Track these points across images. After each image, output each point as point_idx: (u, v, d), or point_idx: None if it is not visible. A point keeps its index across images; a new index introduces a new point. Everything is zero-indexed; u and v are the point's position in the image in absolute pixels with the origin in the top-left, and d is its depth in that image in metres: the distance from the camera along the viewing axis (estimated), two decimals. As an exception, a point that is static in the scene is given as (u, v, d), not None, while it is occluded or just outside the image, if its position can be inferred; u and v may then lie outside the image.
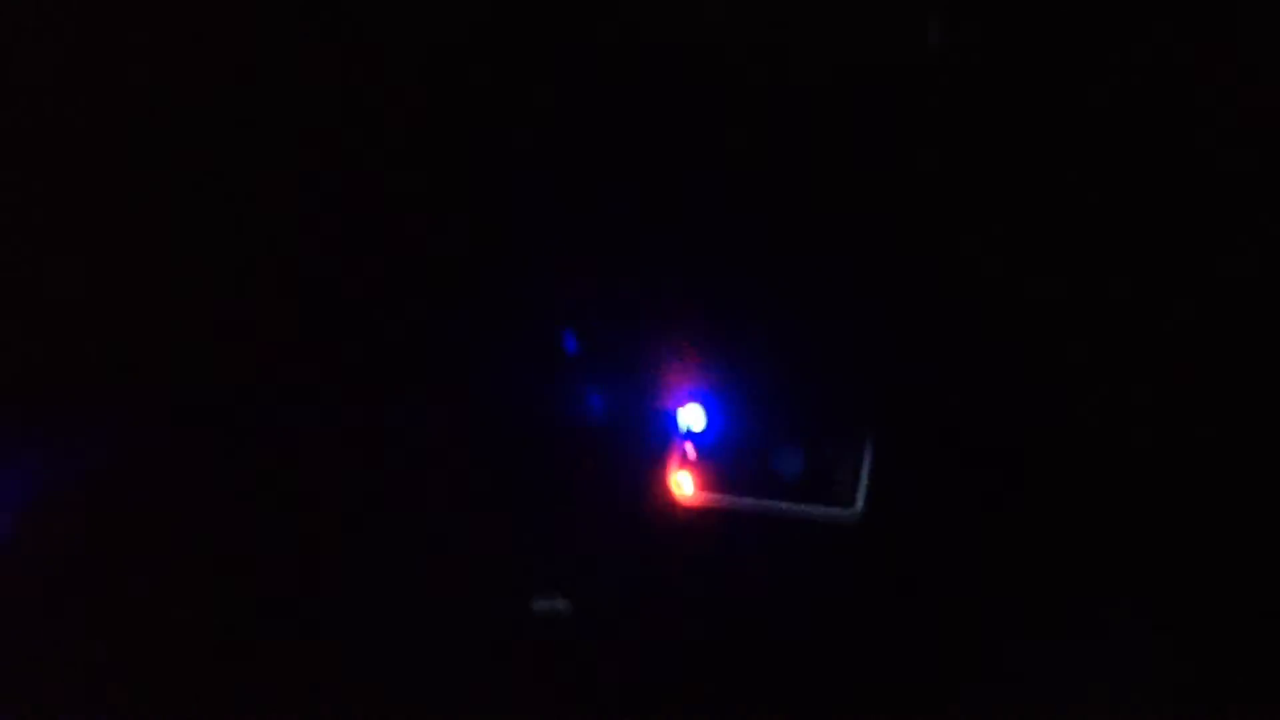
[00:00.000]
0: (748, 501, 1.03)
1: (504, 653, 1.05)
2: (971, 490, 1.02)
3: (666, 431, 1.04)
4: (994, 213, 0.98)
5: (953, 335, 1.01)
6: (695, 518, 1.03)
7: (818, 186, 1.00)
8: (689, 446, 1.04)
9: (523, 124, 1.01)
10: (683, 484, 1.04)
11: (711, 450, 1.04)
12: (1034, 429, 1.01)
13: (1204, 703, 0.97)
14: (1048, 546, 1.01)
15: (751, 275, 1.03)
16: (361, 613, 1.05)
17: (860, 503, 1.02)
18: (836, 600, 1.03)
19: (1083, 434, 1.01)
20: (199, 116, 1.01)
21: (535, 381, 1.04)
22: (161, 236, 1.03)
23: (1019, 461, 1.02)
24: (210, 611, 1.05)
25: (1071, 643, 1.02)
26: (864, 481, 1.02)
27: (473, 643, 1.05)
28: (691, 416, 1.04)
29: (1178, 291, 0.97)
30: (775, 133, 0.99)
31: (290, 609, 1.06)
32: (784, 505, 1.02)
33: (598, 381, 1.04)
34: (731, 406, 1.04)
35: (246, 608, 1.06)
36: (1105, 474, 1.01)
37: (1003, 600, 1.03)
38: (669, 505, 1.03)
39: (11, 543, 1.03)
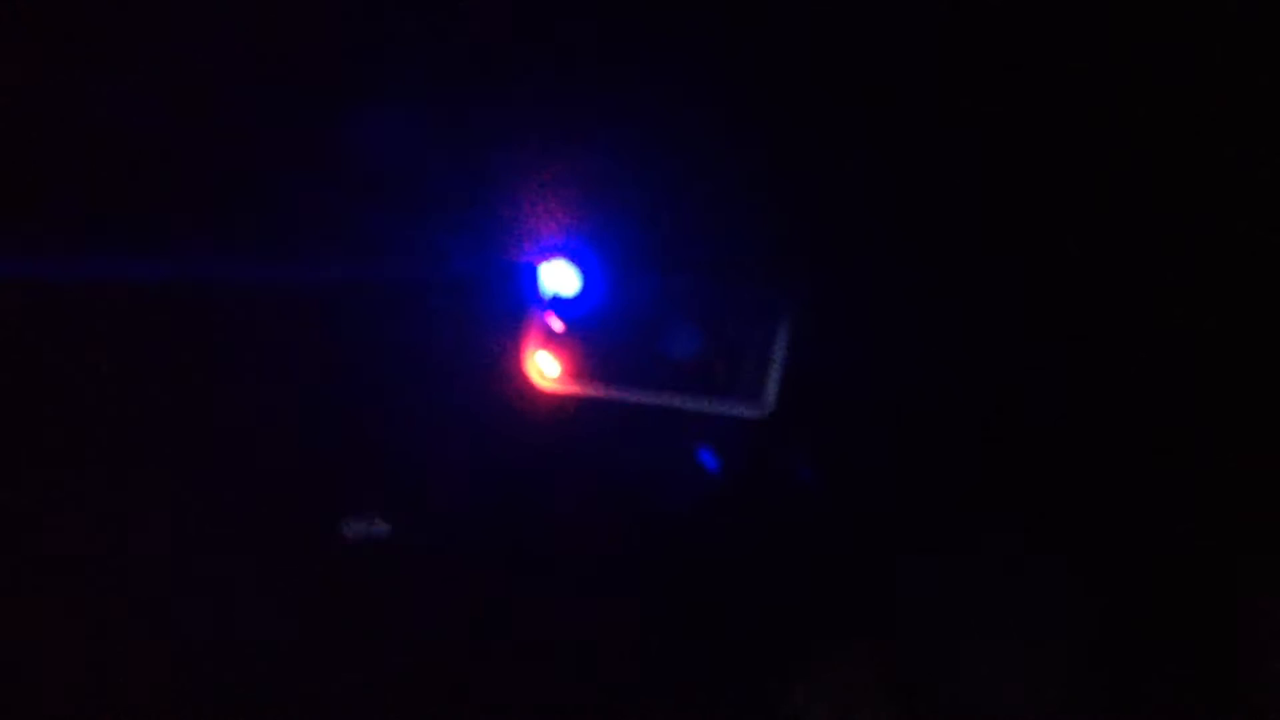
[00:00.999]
0: (628, 392, 0.79)
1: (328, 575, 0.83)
2: (901, 384, 0.82)
3: (524, 296, 0.78)
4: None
5: (896, 191, 0.78)
6: (559, 411, 0.80)
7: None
8: (553, 318, 0.79)
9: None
10: (544, 367, 0.79)
11: (584, 323, 0.79)
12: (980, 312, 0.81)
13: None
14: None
15: (643, 87, 0.76)
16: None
17: (770, 397, 0.80)
18: (735, 514, 0.83)
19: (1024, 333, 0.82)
20: None
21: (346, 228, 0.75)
22: None
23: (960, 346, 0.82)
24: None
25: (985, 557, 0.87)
26: (776, 370, 0.80)
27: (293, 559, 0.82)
28: (558, 276, 0.78)
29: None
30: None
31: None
32: (674, 398, 0.79)
33: (424, 222, 0.76)
34: (611, 264, 0.79)
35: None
36: (1041, 377, 0.83)
37: (922, 514, 0.85)
38: (526, 395, 0.79)
39: None
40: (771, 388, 0.80)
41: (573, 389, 0.78)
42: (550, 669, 0.84)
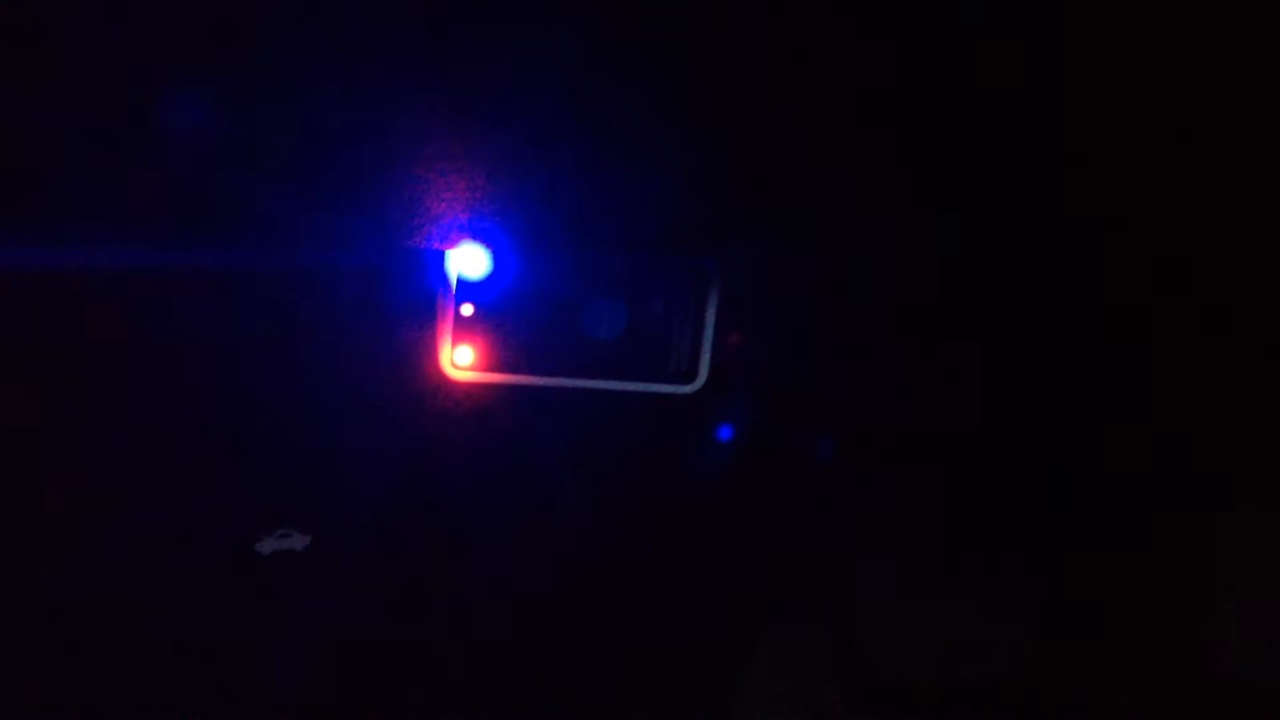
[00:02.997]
0: (549, 377, 0.74)
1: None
2: (840, 351, 0.78)
3: (431, 281, 0.73)
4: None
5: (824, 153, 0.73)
6: (476, 401, 0.75)
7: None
8: (465, 305, 0.74)
9: None
10: (457, 356, 0.74)
11: (496, 307, 0.74)
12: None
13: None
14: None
15: (548, 53, 0.70)
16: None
17: (701, 374, 0.76)
18: (665, 499, 0.79)
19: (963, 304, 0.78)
20: None
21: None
22: None
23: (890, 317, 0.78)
24: None
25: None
26: (707, 344, 0.75)
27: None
28: (466, 259, 0.73)
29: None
30: None
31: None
32: (598, 380, 0.75)
33: (323, 207, 0.70)
34: (522, 242, 0.73)
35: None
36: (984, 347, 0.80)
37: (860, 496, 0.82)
38: (439, 386, 0.74)
39: None
40: (702, 362, 0.75)
41: (488, 377, 0.74)
42: (476, 667, 0.81)
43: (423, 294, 0.72)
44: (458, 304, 0.73)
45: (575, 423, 0.76)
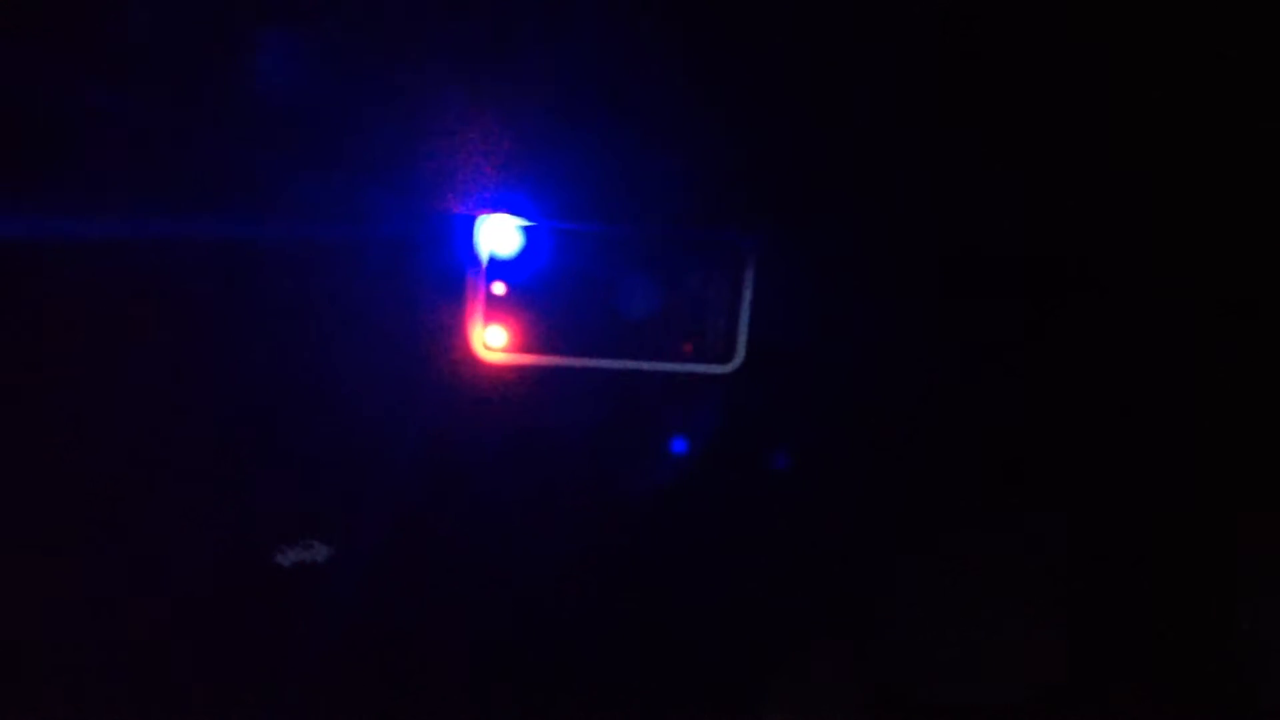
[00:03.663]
0: (582, 358, 0.72)
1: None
2: (880, 327, 0.76)
3: (461, 260, 0.70)
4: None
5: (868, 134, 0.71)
6: (509, 383, 0.72)
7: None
8: (497, 283, 0.71)
9: None
10: (490, 337, 0.71)
11: (529, 285, 0.72)
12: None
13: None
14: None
15: (580, 23, 0.68)
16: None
17: (739, 354, 0.73)
18: (701, 482, 0.77)
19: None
20: None
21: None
22: None
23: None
24: None
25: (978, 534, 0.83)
26: (743, 323, 0.73)
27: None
28: (497, 236, 0.71)
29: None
30: None
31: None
32: (633, 361, 0.72)
33: (353, 180, 0.68)
34: (555, 219, 0.71)
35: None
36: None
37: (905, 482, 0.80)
38: (470, 368, 0.71)
39: None
40: (739, 341, 0.73)
41: (521, 358, 0.71)
42: (505, 661, 0.78)
43: (452, 274, 0.70)
44: (489, 283, 0.70)
45: (610, 405, 0.74)
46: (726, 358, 0.73)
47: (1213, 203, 0.73)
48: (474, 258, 0.70)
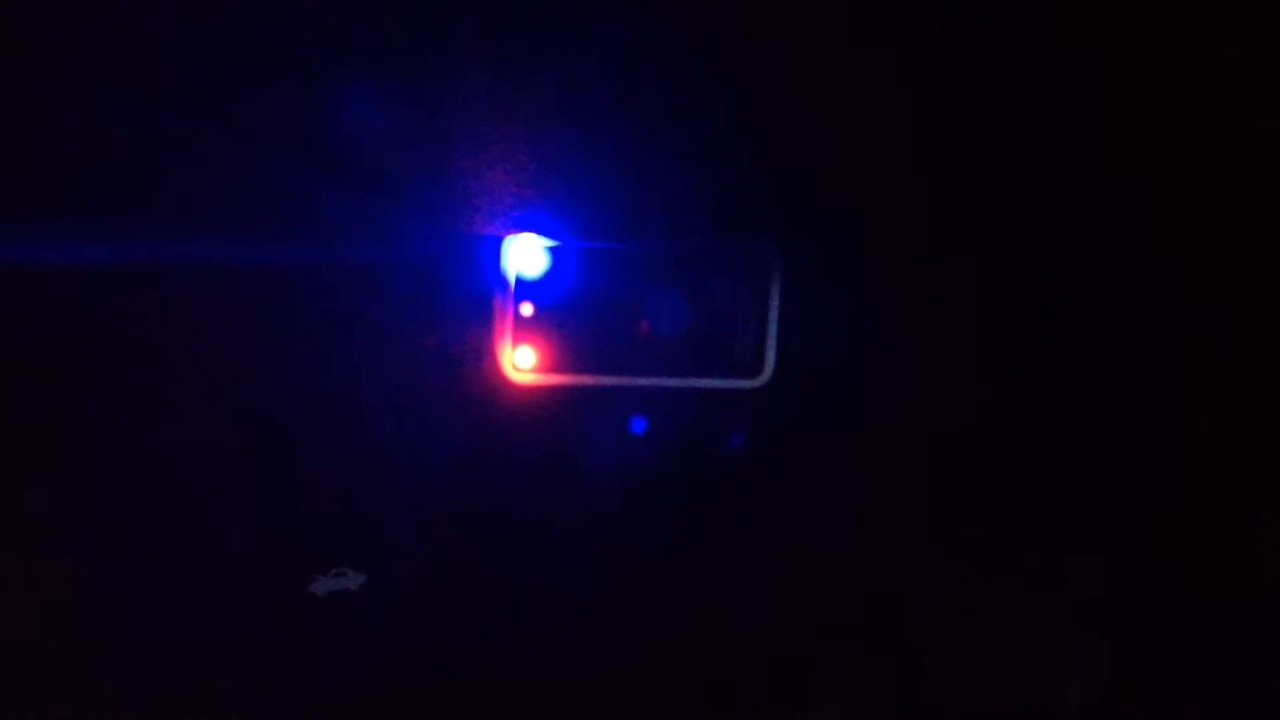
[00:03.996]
0: (612, 376, 0.72)
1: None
2: (903, 350, 0.76)
3: (489, 281, 0.71)
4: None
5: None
6: (540, 403, 0.72)
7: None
8: (525, 304, 0.71)
9: None
10: (519, 358, 0.71)
11: (557, 305, 0.72)
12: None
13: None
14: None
15: (599, 41, 0.68)
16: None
17: (768, 367, 0.73)
18: (733, 494, 0.76)
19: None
20: None
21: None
22: None
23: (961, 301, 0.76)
24: None
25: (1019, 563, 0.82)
26: (772, 336, 0.73)
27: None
28: (525, 257, 0.71)
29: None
30: None
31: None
32: (663, 377, 0.72)
33: (377, 200, 0.68)
34: (580, 237, 0.71)
35: None
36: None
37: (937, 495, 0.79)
38: (501, 389, 0.71)
39: None
40: (768, 354, 0.73)
41: (551, 379, 0.71)
42: (543, 685, 0.77)
43: (480, 295, 0.70)
44: (516, 304, 0.70)
45: (641, 421, 0.74)
46: (755, 372, 0.73)
47: (1214, 203, 0.73)
48: (501, 279, 0.70)
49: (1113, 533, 0.82)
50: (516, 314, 0.70)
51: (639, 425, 0.73)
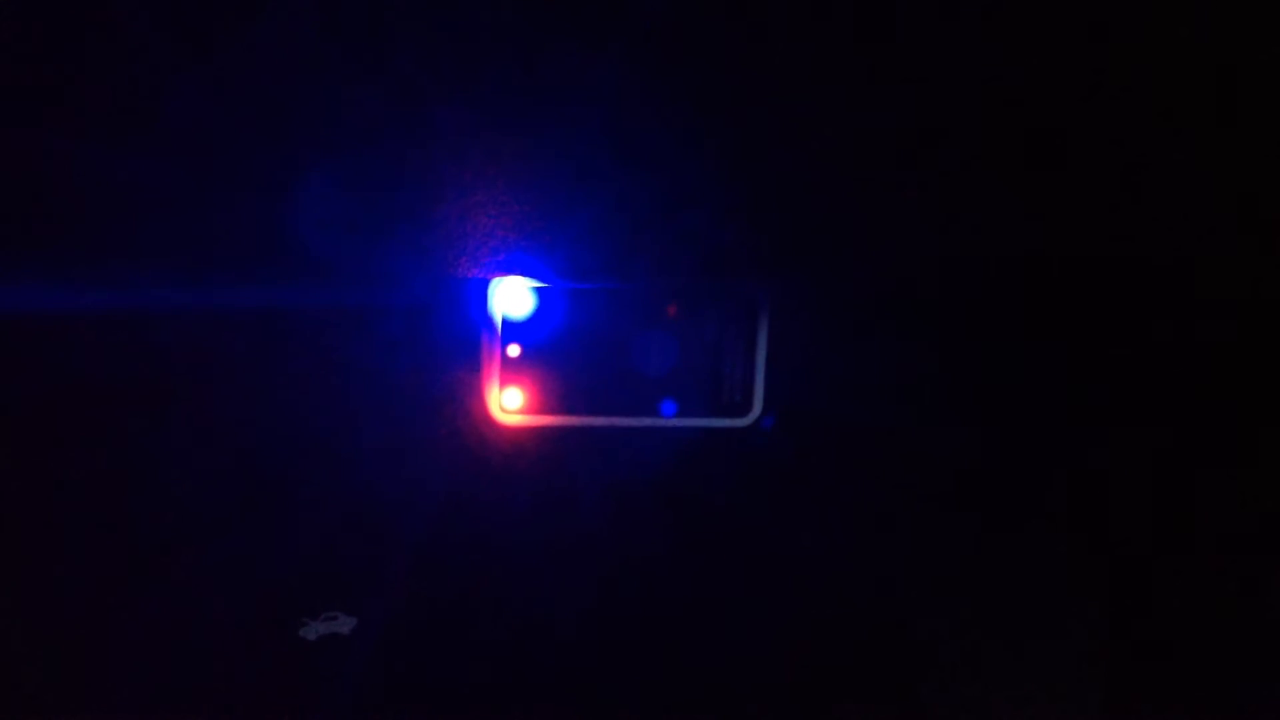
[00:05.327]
0: (601, 418, 0.72)
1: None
2: (894, 388, 0.76)
3: (475, 323, 0.71)
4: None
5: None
6: (527, 446, 0.72)
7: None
8: (512, 346, 0.71)
9: None
10: (507, 400, 0.71)
11: (544, 346, 0.72)
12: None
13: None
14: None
15: (586, 82, 0.68)
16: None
17: (756, 405, 0.73)
18: (723, 534, 0.76)
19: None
20: None
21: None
22: None
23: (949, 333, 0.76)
24: None
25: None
26: (760, 375, 0.73)
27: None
28: (511, 298, 0.71)
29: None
30: None
31: None
32: (652, 418, 0.72)
33: (360, 243, 0.68)
34: (567, 278, 0.71)
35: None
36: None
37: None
38: (488, 431, 0.71)
39: None
40: (756, 393, 0.73)
41: (539, 420, 0.71)
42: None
43: (467, 337, 0.70)
44: (504, 345, 0.70)
45: (629, 464, 0.73)
46: (744, 410, 0.73)
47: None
48: (488, 321, 0.70)
49: (1106, 570, 0.82)
50: (504, 356, 0.70)
51: (631, 466, 0.72)
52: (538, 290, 0.70)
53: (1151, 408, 0.78)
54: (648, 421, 0.71)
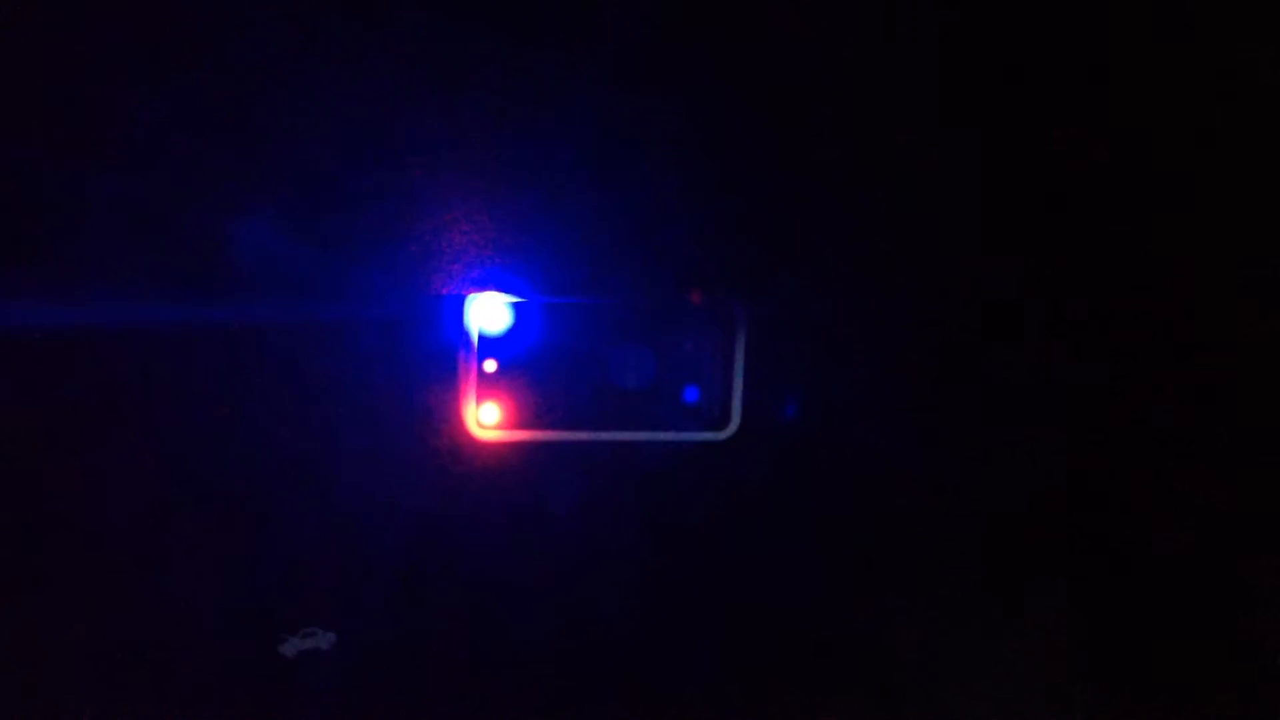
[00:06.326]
0: (578, 432, 0.72)
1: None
2: (871, 401, 0.76)
3: (451, 338, 0.71)
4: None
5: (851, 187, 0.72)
6: (504, 461, 0.72)
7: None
8: (488, 361, 0.71)
9: None
10: (483, 415, 0.71)
11: (520, 361, 0.72)
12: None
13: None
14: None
15: (566, 98, 0.69)
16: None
17: (735, 419, 0.73)
18: (701, 548, 0.76)
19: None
20: None
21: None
22: None
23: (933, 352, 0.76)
24: None
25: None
26: (738, 389, 0.73)
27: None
28: (488, 313, 0.71)
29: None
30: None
31: None
32: (629, 432, 0.72)
33: (337, 259, 0.68)
34: (543, 294, 0.71)
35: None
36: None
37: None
38: (465, 446, 0.71)
39: None
40: (734, 408, 0.73)
41: (515, 435, 0.71)
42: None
43: (443, 353, 0.70)
44: (480, 360, 0.70)
45: (607, 478, 0.73)
46: (722, 425, 0.73)
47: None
48: (465, 336, 0.70)
49: (1091, 580, 0.82)
50: (480, 371, 0.70)
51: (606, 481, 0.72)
52: (514, 305, 0.70)
53: (1128, 418, 0.78)
54: (625, 436, 0.71)
